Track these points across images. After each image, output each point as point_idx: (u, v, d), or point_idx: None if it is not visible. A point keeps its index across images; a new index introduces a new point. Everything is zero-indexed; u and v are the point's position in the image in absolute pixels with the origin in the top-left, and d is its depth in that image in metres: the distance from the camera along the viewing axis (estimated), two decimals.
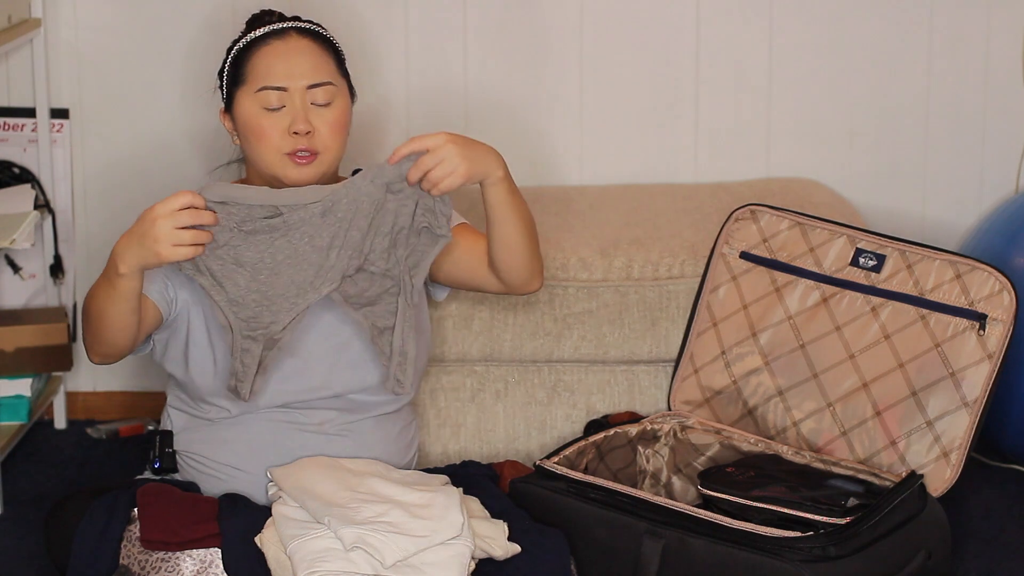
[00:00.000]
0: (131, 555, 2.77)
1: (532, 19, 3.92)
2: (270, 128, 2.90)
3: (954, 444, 3.10)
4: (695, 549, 2.87)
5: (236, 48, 2.97)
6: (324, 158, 2.91)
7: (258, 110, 2.91)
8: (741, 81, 3.96)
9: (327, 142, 2.91)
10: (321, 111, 2.91)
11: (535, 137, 3.97)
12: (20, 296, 3.95)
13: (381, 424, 2.99)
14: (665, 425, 3.30)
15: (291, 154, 2.89)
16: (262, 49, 2.93)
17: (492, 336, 3.48)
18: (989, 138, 3.98)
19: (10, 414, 3.71)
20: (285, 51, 2.93)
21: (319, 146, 2.90)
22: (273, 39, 2.94)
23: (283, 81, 2.90)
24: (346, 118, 2.95)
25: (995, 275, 3.12)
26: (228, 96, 2.97)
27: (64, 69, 3.89)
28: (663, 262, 3.50)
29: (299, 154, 2.89)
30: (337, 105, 2.93)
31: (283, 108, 2.90)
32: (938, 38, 3.93)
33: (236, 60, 2.96)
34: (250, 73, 2.93)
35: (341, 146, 2.94)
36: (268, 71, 2.91)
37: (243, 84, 2.93)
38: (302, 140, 2.88)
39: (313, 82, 2.91)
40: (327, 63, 2.95)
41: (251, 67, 2.93)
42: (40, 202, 3.84)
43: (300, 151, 2.89)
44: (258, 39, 2.95)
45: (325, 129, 2.91)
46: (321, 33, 2.99)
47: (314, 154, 2.90)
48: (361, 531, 2.66)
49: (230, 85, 2.96)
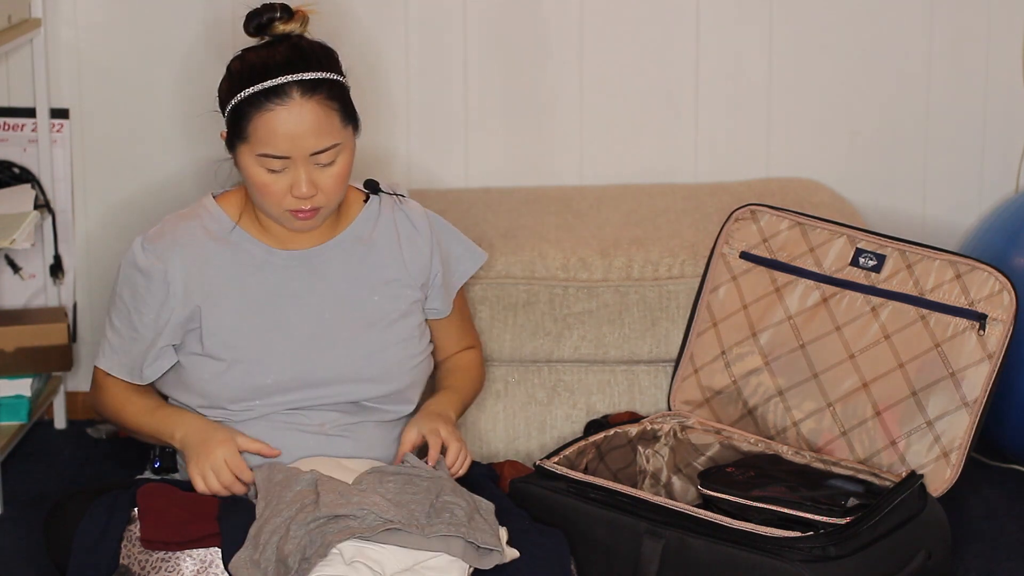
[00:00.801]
0: (131, 555, 2.77)
1: (532, 19, 3.92)
2: (272, 185, 2.83)
3: (954, 444, 3.10)
4: (695, 549, 2.87)
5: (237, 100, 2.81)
6: (326, 210, 2.88)
7: (260, 170, 2.83)
8: (741, 81, 3.95)
9: (330, 197, 2.86)
10: (325, 169, 2.83)
11: (535, 137, 3.97)
12: (20, 296, 3.94)
13: (383, 427, 2.98)
14: (665, 425, 3.30)
15: (292, 210, 2.86)
16: (263, 114, 2.79)
17: (492, 336, 3.48)
18: (989, 138, 3.98)
19: (10, 414, 3.71)
20: (287, 117, 2.78)
21: (321, 202, 2.85)
22: (275, 102, 2.78)
23: (286, 151, 2.79)
24: (350, 165, 2.87)
25: (995, 275, 3.12)
26: (230, 140, 2.86)
27: (64, 69, 3.89)
28: (663, 262, 3.50)
29: (301, 211, 2.86)
30: (341, 160, 2.85)
31: (285, 170, 2.82)
32: (938, 38, 3.93)
33: (236, 112, 2.82)
34: (251, 135, 2.80)
35: (343, 193, 2.89)
36: (269, 139, 2.79)
37: (244, 142, 2.82)
38: (304, 202, 2.84)
39: (316, 149, 2.81)
40: (332, 120, 2.82)
41: (252, 128, 2.80)
42: (40, 202, 3.84)
43: (303, 210, 2.86)
44: (259, 97, 2.79)
45: (329, 187, 2.84)
46: (325, 81, 2.82)
47: (316, 210, 2.87)
48: (361, 544, 2.65)
49: (231, 133, 2.85)
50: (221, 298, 2.91)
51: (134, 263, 2.92)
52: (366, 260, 2.97)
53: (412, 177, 3.95)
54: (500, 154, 3.98)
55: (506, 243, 3.53)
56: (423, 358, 3.01)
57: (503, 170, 3.98)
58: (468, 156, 3.98)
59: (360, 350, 2.93)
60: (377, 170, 3.90)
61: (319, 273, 2.95)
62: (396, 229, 3.00)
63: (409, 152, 3.96)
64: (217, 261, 2.92)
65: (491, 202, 3.82)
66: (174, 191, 3.88)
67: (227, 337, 2.90)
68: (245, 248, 2.94)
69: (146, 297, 2.91)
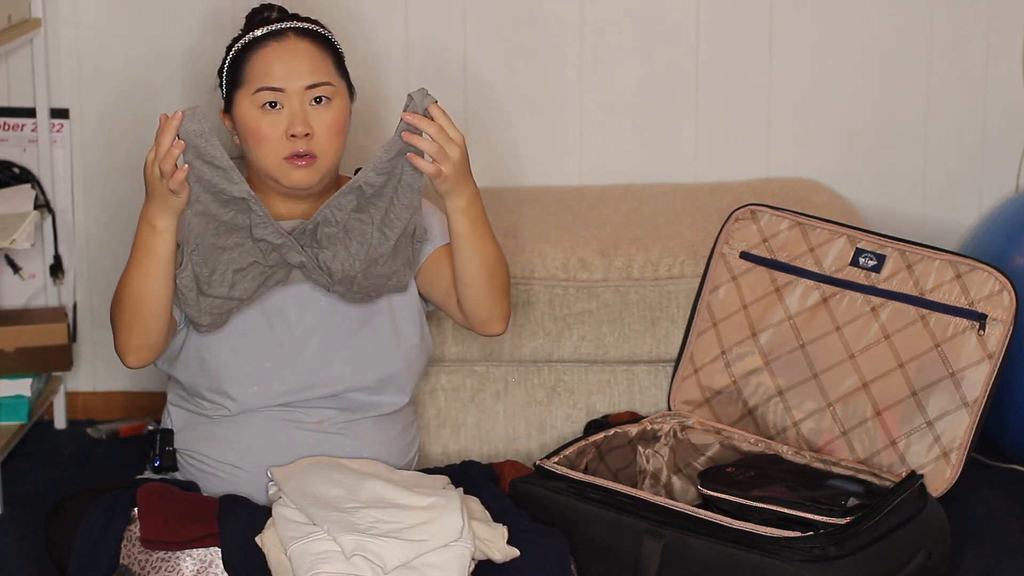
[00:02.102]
0: (131, 555, 2.77)
1: (532, 18, 3.92)
2: (268, 130, 2.89)
3: (954, 444, 3.10)
4: (695, 549, 2.87)
5: (235, 49, 2.97)
6: (322, 162, 2.91)
7: (256, 112, 2.90)
8: (741, 81, 3.95)
9: (325, 145, 2.91)
10: (319, 112, 2.90)
11: (535, 137, 3.97)
12: (20, 296, 3.94)
13: (381, 424, 2.99)
14: (665, 425, 3.30)
15: (289, 158, 2.89)
16: (260, 51, 2.92)
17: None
18: (989, 138, 3.98)
19: (10, 414, 3.71)
20: (282, 53, 2.91)
21: (317, 149, 2.90)
22: (271, 40, 2.93)
23: (280, 82, 2.90)
24: (345, 118, 2.94)
25: (995, 275, 3.12)
26: (228, 96, 2.96)
27: (64, 69, 3.89)
28: (663, 262, 3.50)
29: (297, 157, 2.89)
30: (335, 106, 2.92)
31: (281, 109, 2.90)
32: (938, 38, 3.93)
33: (235, 61, 2.95)
34: (248, 74, 2.92)
35: (340, 148, 2.94)
36: (265, 72, 2.90)
37: (241, 85, 2.93)
38: (300, 143, 2.88)
39: (311, 82, 2.90)
40: (325, 63, 2.94)
41: (249, 68, 2.92)
42: (40, 202, 3.84)
43: (298, 154, 2.89)
44: (256, 40, 2.94)
45: (323, 131, 2.90)
46: (320, 32, 2.97)
47: (313, 157, 2.90)
48: (361, 538, 2.65)
49: (229, 86, 2.96)
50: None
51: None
52: None
53: None
54: (500, 154, 3.97)
55: (506, 243, 3.53)
56: (416, 340, 3.01)
57: (504, 170, 3.98)
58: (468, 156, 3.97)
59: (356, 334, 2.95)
60: None
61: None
62: None
63: None
64: None
65: (491, 202, 3.81)
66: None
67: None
68: None
69: None
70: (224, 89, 2.98)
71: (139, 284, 2.81)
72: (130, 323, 2.84)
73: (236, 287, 2.88)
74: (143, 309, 2.82)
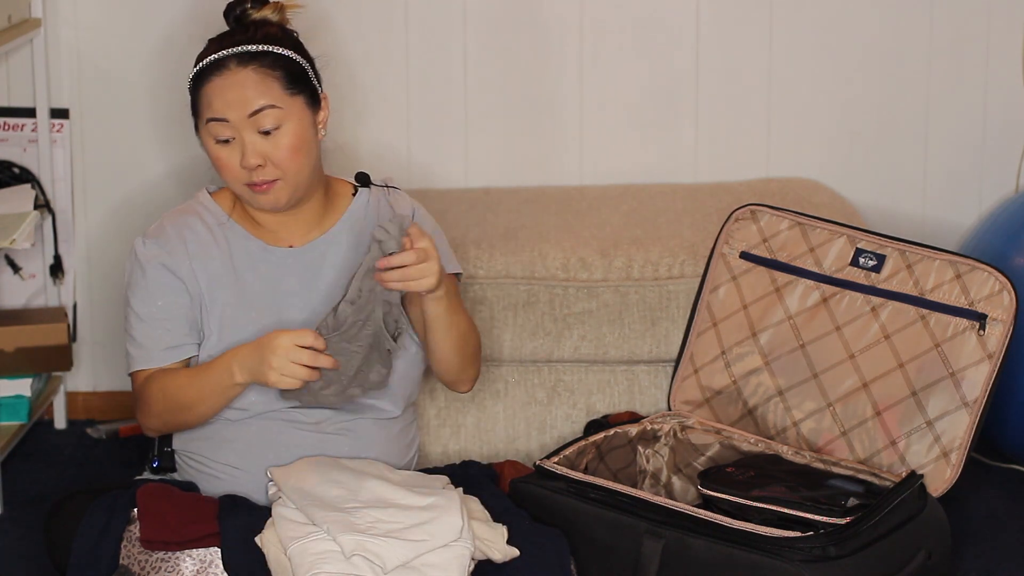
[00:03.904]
0: (131, 555, 2.77)
1: (532, 18, 3.92)
2: (227, 160, 2.88)
3: (954, 444, 3.10)
4: (695, 549, 2.87)
5: (189, 80, 2.94)
6: (287, 181, 2.89)
7: (213, 144, 2.89)
8: (741, 81, 3.95)
9: (285, 167, 2.88)
10: (272, 138, 2.87)
11: (535, 137, 3.97)
12: (20, 296, 3.94)
13: (380, 424, 2.98)
14: (665, 425, 3.30)
15: (249, 185, 2.89)
16: (205, 84, 2.89)
17: (492, 336, 3.48)
18: (989, 138, 3.98)
19: (10, 414, 3.71)
20: (222, 85, 2.87)
21: (276, 173, 2.88)
22: (214, 74, 2.88)
23: (222, 113, 2.87)
24: (303, 136, 2.89)
25: (995, 275, 3.12)
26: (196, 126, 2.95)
27: (64, 69, 3.89)
28: (663, 262, 3.50)
29: (256, 184, 2.89)
30: (288, 128, 2.87)
31: (234, 141, 2.88)
32: (938, 38, 3.93)
33: (191, 90, 2.93)
34: (200, 105, 2.90)
35: (305, 164, 2.91)
36: (210, 105, 2.88)
37: (198, 115, 2.92)
38: (255, 173, 2.87)
39: (251, 110, 2.86)
40: (269, 86, 2.87)
41: (200, 100, 2.90)
42: (40, 202, 3.84)
43: (255, 183, 2.88)
44: (202, 72, 2.90)
45: (279, 156, 2.87)
46: (262, 53, 2.89)
47: (271, 182, 2.88)
48: (361, 538, 2.65)
49: (194, 116, 2.94)
50: (220, 291, 2.92)
51: (136, 260, 2.93)
52: (357, 253, 2.98)
53: (412, 177, 3.95)
54: (500, 154, 3.98)
55: (506, 243, 3.53)
56: (414, 349, 3.01)
57: (503, 170, 3.98)
58: (468, 156, 3.98)
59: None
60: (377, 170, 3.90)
61: (313, 269, 2.96)
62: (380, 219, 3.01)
63: (409, 152, 3.96)
64: (216, 252, 2.94)
65: (491, 202, 3.82)
66: (174, 191, 3.88)
67: (225, 331, 2.91)
68: (240, 243, 2.95)
69: (152, 288, 2.92)
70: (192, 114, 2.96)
71: (193, 407, 2.89)
72: (166, 421, 2.92)
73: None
74: (185, 420, 2.91)
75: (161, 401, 2.90)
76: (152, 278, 2.92)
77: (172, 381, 2.89)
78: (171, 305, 2.91)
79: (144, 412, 2.94)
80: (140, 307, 2.92)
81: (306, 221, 2.98)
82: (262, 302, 2.93)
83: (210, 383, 2.86)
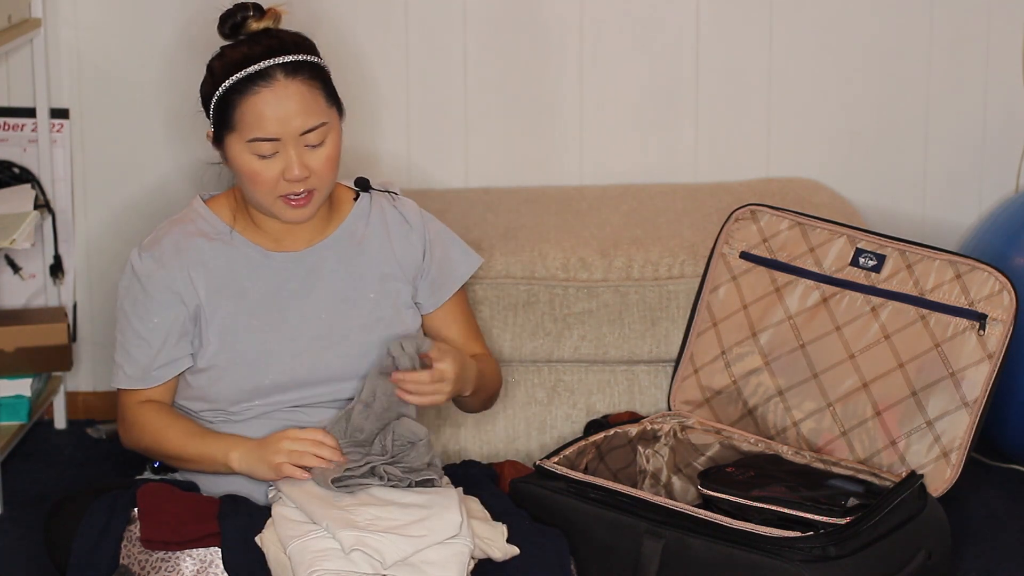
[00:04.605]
0: (131, 555, 2.77)
1: (532, 18, 3.92)
2: (264, 173, 2.84)
3: (954, 444, 3.10)
4: (695, 549, 2.87)
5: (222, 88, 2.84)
6: (319, 195, 2.88)
7: (250, 157, 2.84)
8: (741, 81, 3.95)
9: (322, 179, 2.86)
10: (315, 151, 2.85)
11: (535, 137, 3.97)
12: (20, 296, 3.94)
13: None
14: (665, 425, 3.30)
15: (285, 197, 2.86)
16: (250, 97, 2.82)
17: (492, 336, 3.48)
18: (989, 138, 3.98)
19: (10, 414, 3.71)
20: (273, 99, 2.81)
21: (314, 184, 2.86)
22: (260, 85, 2.81)
23: (276, 132, 2.81)
24: (339, 148, 2.89)
25: (995, 275, 3.12)
26: (217, 134, 2.88)
27: (64, 69, 3.89)
28: (663, 262, 3.50)
29: (294, 196, 2.86)
30: (330, 140, 2.87)
31: (276, 155, 2.83)
32: (938, 38, 3.93)
33: (223, 102, 2.85)
34: (239, 121, 2.83)
35: (335, 176, 2.91)
36: (258, 122, 2.81)
37: (233, 130, 2.84)
38: (297, 184, 2.85)
39: (306, 128, 2.82)
40: (317, 100, 2.85)
41: (240, 115, 2.82)
42: (40, 202, 3.84)
43: (295, 194, 2.86)
44: (243, 82, 2.83)
45: (319, 167, 2.85)
46: (306, 63, 2.86)
47: (310, 193, 2.87)
48: (360, 533, 2.65)
49: (218, 125, 2.87)
50: (220, 301, 2.91)
51: (133, 273, 2.93)
52: (360, 258, 2.98)
53: (412, 177, 3.95)
54: (500, 154, 3.98)
55: (506, 243, 3.53)
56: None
57: (503, 170, 3.98)
58: (468, 156, 3.98)
59: (357, 349, 2.94)
60: (377, 170, 3.91)
61: (316, 273, 2.95)
62: (386, 225, 3.01)
63: (409, 152, 3.96)
64: (214, 264, 2.93)
65: (491, 202, 3.82)
66: (174, 191, 3.88)
67: (226, 339, 2.90)
68: (241, 251, 2.94)
69: (148, 304, 2.91)
70: (213, 124, 2.89)
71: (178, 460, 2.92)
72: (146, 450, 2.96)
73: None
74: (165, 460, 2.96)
75: (149, 436, 2.93)
76: (149, 294, 2.90)
77: (166, 428, 2.91)
78: (167, 321, 2.90)
79: (128, 432, 2.96)
80: (137, 323, 2.92)
81: (310, 227, 2.97)
82: (263, 309, 2.92)
83: (204, 454, 2.88)
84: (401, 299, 3.00)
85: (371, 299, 2.97)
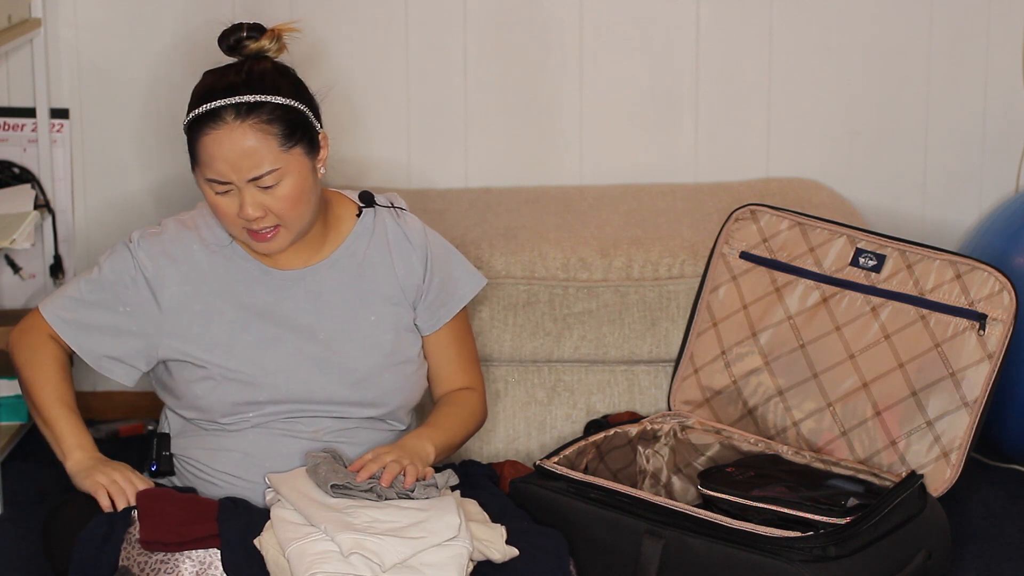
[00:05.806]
0: (131, 556, 2.77)
1: (532, 18, 3.92)
2: (226, 208, 2.81)
3: (954, 444, 3.10)
4: (695, 549, 2.87)
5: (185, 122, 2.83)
6: (289, 228, 2.84)
7: (211, 192, 2.82)
8: (741, 81, 3.96)
9: (285, 216, 2.82)
10: (271, 191, 2.80)
11: (535, 137, 3.97)
12: (20, 296, 3.95)
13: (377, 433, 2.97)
14: (665, 425, 3.30)
15: (250, 230, 2.84)
16: (203, 137, 2.77)
17: (492, 336, 3.48)
18: (989, 138, 3.98)
19: (10, 414, 3.71)
20: (220, 141, 2.75)
21: (276, 221, 2.83)
22: (210, 127, 2.76)
23: (224, 175, 2.78)
24: (302, 187, 2.81)
25: (995, 275, 3.12)
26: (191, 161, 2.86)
27: (64, 69, 3.89)
28: (663, 262, 3.50)
29: (260, 230, 2.83)
30: (288, 182, 2.80)
31: (231, 192, 2.80)
32: (938, 38, 3.94)
33: (188, 134, 2.83)
34: (199, 157, 2.80)
35: (306, 210, 2.84)
36: (210, 162, 2.78)
37: (196, 165, 2.83)
38: (254, 223, 2.81)
39: (253, 176, 2.78)
40: (267, 146, 2.76)
41: (198, 151, 2.80)
42: (40, 202, 3.85)
43: (256, 230, 2.83)
44: (199, 120, 2.79)
45: (278, 207, 2.80)
46: (263, 104, 2.78)
47: (274, 229, 2.84)
48: (358, 536, 2.65)
49: (190, 154, 2.84)
50: (214, 314, 2.90)
51: (127, 248, 2.92)
52: (362, 278, 2.95)
53: (412, 177, 3.95)
54: (500, 154, 3.98)
55: (506, 243, 3.53)
56: (417, 378, 3.00)
57: (503, 170, 3.98)
58: (468, 156, 3.98)
59: (354, 375, 2.93)
60: (377, 171, 3.91)
61: (315, 293, 2.93)
62: (388, 244, 2.98)
63: (409, 152, 3.96)
64: (211, 276, 2.91)
65: (491, 202, 3.82)
66: (174, 191, 3.89)
67: (220, 353, 2.89)
68: (240, 265, 2.93)
69: (120, 290, 2.91)
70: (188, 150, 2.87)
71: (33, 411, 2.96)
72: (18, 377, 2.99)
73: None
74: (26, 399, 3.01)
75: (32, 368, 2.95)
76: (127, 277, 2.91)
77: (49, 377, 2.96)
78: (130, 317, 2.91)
79: (16, 341, 2.97)
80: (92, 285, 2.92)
81: (307, 247, 2.93)
82: (259, 325, 2.90)
83: (58, 428, 2.93)
84: (402, 323, 2.97)
85: (372, 322, 2.95)
